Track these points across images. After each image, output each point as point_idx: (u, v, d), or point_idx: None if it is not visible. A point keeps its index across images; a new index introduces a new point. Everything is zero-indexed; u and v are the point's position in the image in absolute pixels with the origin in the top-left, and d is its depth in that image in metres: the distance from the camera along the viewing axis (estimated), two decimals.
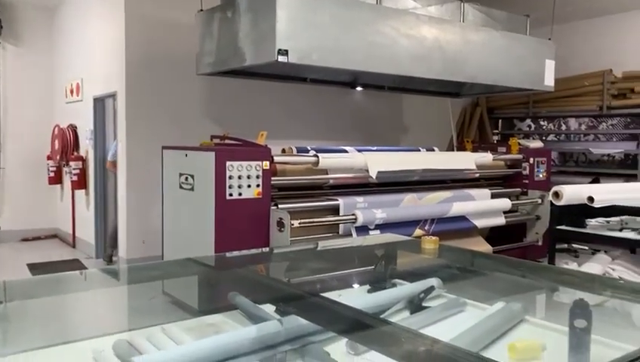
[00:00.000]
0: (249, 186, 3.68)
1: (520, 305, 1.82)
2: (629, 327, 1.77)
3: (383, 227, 4.12)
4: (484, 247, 4.93)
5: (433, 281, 2.05)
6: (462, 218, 4.66)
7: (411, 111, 7.25)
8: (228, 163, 3.60)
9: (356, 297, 1.98)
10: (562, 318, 1.49)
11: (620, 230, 4.43)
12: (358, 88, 5.56)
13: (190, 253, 2.29)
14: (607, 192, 4.35)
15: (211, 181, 3.59)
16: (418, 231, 4.34)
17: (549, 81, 5.57)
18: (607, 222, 4.74)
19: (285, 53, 3.60)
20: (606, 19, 7.18)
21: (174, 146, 4.13)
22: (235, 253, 2.69)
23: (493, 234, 5.41)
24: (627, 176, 6.70)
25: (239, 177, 3.64)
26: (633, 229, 4.36)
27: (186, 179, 3.84)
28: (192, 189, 3.80)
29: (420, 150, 5.18)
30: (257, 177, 3.70)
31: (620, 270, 4.47)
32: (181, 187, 3.91)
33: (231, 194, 3.62)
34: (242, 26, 3.96)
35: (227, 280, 2.20)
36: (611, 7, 6.83)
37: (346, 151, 4.36)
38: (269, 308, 1.70)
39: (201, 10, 4.44)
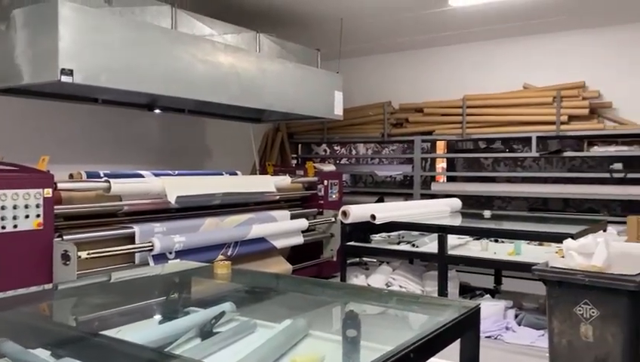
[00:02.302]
0: (27, 217, 3.30)
1: (305, 321, 1.94)
2: (393, 331, 2.00)
3: (184, 253, 4.04)
4: (285, 267, 5.15)
5: (226, 306, 2.08)
6: (262, 239, 4.81)
7: (216, 135, 7.27)
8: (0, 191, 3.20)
9: (145, 330, 1.92)
10: (340, 329, 1.64)
11: (398, 243, 5.02)
12: (157, 111, 5.41)
13: None
14: (387, 210, 4.90)
15: None
16: (221, 256, 4.35)
17: (339, 111, 6.10)
18: (389, 236, 5.33)
19: (70, 73, 3.35)
20: (385, 56, 8.15)
21: None
22: (9, 294, 2.39)
23: (294, 253, 5.68)
24: (406, 195, 7.61)
25: (14, 207, 3.24)
26: (408, 242, 4.98)
27: None
28: None
29: (222, 174, 5.23)
30: (37, 206, 3.34)
31: (400, 279, 5.03)
32: None
33: (4, 227, 3.20)
34: (19, 41, 3.58)
35: None
36: (389, 46, 7.76)
37: (141, 176, 4.20)
38: (43, 353, 1.56)
39: None
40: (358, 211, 4.58)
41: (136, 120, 6.01)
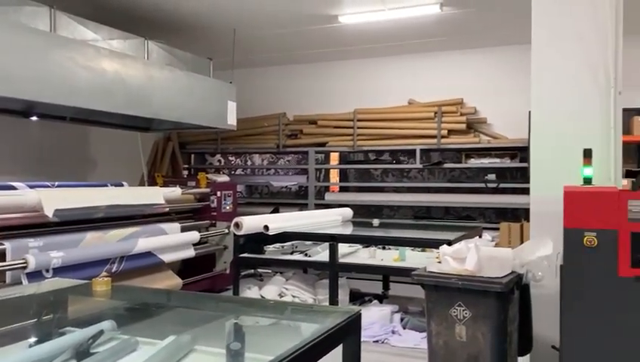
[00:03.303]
0: None
1: (189, 337, 1.91)
2: (279, 341, 2.02)
3: (63, 271, 3.78)
4: (174, 281, 4.99)
5: (105, 324, 1.99)
6: (149, 254, 4.63)
7: (101, 144, 6.91)
8: None
9: (12, 354, 1.78)
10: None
11: (292, 253, 5.07)
12: (34, 118, 5.03)
13: None
14: (280, 221, 4.92)
15: None
16: (104, 273, 4.13)
17: (232, 121, 6.06)
18: (282, 246, 5.36)
19: None
20: (280, 68, 8.24)
21: None
22: None
23: (185, 267, 5.52)
24: (301, 205, 7.72)
25: None
26: (302, 252, 5.05)
27: None
28: None
29: (107, 185, 4.98)
30: None
31: (293, 289, 5.09)
32: None
33: None
34: None
35: None
36: (283, 58, 7.87)
37: (14, 188, 3.88)
38: None
39: None
40: (251, 222, 4.56)
41: (9, 127, 5.55)
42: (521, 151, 6.53)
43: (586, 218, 2.70)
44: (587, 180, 3.01)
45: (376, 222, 5.48)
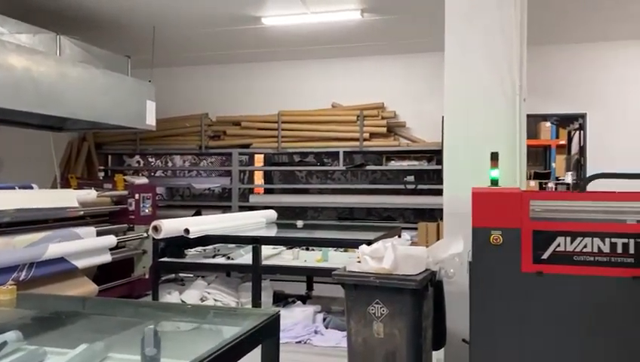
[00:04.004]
0: None
1: (102, 344, 1.85)
2: (198, 345, 2.00)
3: None
4: (89, 288, 4.78)
5: (9, 335, 1.88)
6: (62, 260, 4.41)
7: (8, 144, 6.47)
8: None
9: None
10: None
11: (214, 256, 5.02)
12: None
13: None
14: (202, 224, 4.85)
15: None
16: (11, 281, 3.88)
17: (151, 121, 5.88)
18: (205, 250, 5.29)
19: None
20: (202, 68, 8.10)
21: None
22: None
23: (102, 272, 5.31)
24: (224, 207, 7.62)
25: None
26: (224, 255, 5.00)
27: None
28: None
29: (14, 188, 4.69)
30: None
31: (215, 292, 5.03)
32: None
33: None
34: None
35: None
36: (206, 58, 7.74)
37: None
38: None
39: None
40: (171, 225, 4.46)
41: None
42: (437, 154, 6.81)
43: (492, 217, 2.87)
44: (494, 182, 3.20)
45: (300, 223, 5.53)
